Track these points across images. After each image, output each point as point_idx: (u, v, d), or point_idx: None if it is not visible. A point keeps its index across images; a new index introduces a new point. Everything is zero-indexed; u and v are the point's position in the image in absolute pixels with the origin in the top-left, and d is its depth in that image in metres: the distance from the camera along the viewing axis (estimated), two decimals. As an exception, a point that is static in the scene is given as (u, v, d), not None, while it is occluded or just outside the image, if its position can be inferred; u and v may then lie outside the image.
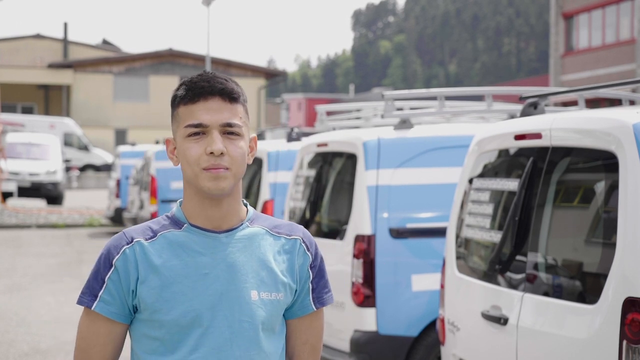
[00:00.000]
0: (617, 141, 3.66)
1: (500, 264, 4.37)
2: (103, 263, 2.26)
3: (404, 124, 6.25)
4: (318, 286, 2.37)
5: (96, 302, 2.24)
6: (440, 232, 5.78)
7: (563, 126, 4.09)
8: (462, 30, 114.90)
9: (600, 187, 3.84)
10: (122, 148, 21.43)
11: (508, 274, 4.33)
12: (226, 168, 2.22)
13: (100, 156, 40.23)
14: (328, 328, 6.03)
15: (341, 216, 6.35)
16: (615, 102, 12.29)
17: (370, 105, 8.47)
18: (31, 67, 47.27)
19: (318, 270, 2.38)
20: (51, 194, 26.95)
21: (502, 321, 4.18)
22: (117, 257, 2.24)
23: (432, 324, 5.92)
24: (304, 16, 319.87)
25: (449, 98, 8.97)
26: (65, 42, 50.25)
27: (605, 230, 3.73)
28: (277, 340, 2.32)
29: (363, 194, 5.98)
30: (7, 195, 25.50)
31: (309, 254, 2.36)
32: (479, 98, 17.09)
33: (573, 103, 10.91)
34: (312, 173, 6.92)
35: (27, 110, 47.88)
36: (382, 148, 6.04)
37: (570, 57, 36.35)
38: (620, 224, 3.56)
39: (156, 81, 47.96)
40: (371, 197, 5.95)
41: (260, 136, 12.93)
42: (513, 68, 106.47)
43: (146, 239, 2.26)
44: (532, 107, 4.82)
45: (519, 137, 4.39)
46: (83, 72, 47.03)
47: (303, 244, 2.36)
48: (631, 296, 3.45)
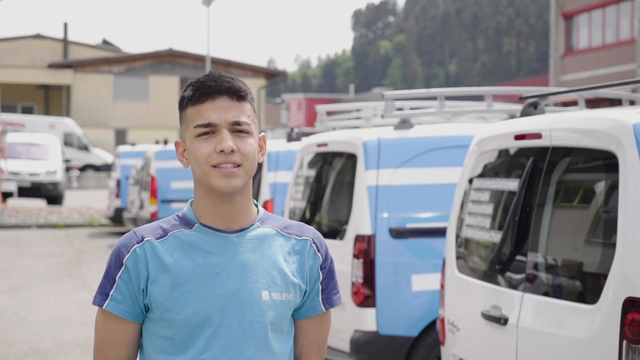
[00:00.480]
0: (617, 141, 3.66)
1: (500, 264, 4.36)
2: (114, 262, 2.26)
3: (404, 124, 6.25)
4: (328, 287, 2.37)
5: (107, 301, 2.25)
6: (440, 232, 5.78)
7: (563, 126, 4.09)
8: (462, 30, 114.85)
9: (600, 187, 3.84)
10: (122, 148, 21.43)
11: (508, 274, 4.32)
12: (238, 165, 2.23)
13: (100, 156, 40.21)
14: (328, 328, 6.03)
15: (341, 216, 6.35)
16: (615, 102, 12.27)
17: (370, 105, 8.45)
18: (31, 67, 47.27)
19: (328, 271, 2.37)
20: (51, 194, 26.94)
21: (502, 321, 4.18)
22: (128, 256, 2.24)
23: (432, 324, 5.92)
24: (304, 16, 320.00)
25: (449, 98, 8.96)
26: (65, 42, 50.25)
27: (605, 230, 3.73)
28: (286, 340, 2.32)
29: (363, 194, 5.98)
30: (7, 195, 25.49)
31: (320, 255, 2.36)
32: (479, 98, 17.08)
33: (573, 103, 10.89)
34: (312, 173, 6.91)
35: (27, 110, 47.87)
36: (382, 148, 6.04)
37: (570, 57, 36.34)
38: (620, 224, 3.56)
39: (156, 81, 47.98)
40: (371, 197, 5.95)
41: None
42: (513, 68, 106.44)
43: (157, 238, 2.26)
44: (532, 107, 4.82)
45: (519, 137, 4.39)
46: (83, 72, 47.03)
47: (313, 245, 2.35)
48: (631, 296, 3.45)
